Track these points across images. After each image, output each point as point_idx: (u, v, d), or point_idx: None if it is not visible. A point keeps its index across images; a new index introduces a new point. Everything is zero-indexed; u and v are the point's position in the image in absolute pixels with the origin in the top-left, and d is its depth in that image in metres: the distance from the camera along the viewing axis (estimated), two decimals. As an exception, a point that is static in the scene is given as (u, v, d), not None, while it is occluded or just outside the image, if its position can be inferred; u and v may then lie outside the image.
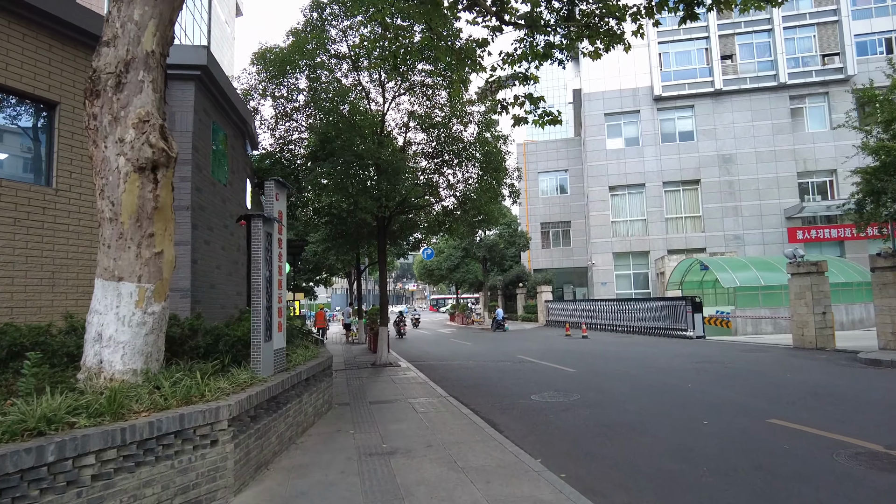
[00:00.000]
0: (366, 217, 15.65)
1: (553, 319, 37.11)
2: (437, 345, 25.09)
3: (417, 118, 16.43)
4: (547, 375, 13.79)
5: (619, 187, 38.98)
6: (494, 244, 40.69)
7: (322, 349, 10.65)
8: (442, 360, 18.50)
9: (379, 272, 16.77)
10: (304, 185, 14.86)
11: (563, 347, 21.27)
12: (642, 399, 10.27)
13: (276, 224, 7.36)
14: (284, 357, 7.61)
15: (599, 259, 38.55)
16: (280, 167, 15.60)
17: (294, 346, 9.78)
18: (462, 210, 18.03)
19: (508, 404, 10.20)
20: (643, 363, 15.71)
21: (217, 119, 8.99)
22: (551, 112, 11.17)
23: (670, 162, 37.95)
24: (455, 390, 11.86)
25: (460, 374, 14.57)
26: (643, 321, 27.29)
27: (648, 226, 38.17)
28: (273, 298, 7.21)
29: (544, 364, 16.01)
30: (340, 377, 13.75)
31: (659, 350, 19.29)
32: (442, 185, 17.73)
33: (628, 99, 39.30)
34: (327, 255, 24.26)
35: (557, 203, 48.48)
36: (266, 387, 6.17)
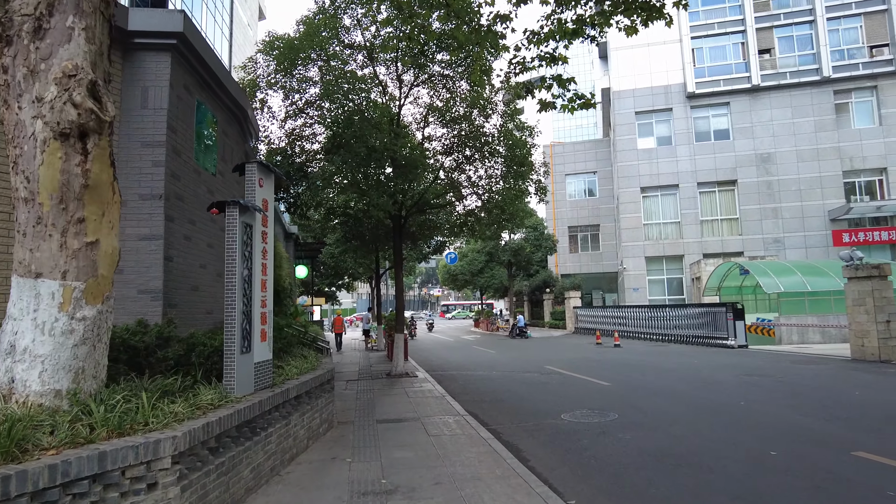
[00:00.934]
0: (378, 214, 14.59)
1: (582, 327, 35.53)
2: (459, 352, 23.84)
3: (437, 111, 15.30)
4: (578, 389, 12.44)
5: (651, 188, 37.26)
6: (520, 248, 39.28)
7: (325, 360, 9.52)
8: (463, 369, 17.25)
9: (395, 275, 15.63)
10: (315, 181, 13.82)
11: (595, 357, 19.82)
12: (691, 420, 8.88)
13: (258, 214, 6.24)
14: (270, 371, 6.47)
15: (631, 263, 36.86)
16: (290, 163, 14.59)
17: (291, 355, 8.67)
18: (485, 210, 16.81)
19: (535, 425, 8.91)
20: (685, 376, 14.24)
21: (203, 99, 7.94)
22: (582, 95, 9.88)
23: (705, 162, 36.13)
24: (475, 406, 10.60)
25: (482, 387, 13.31)
26: (680, 329, 25.63)
27: (682, 228, 36.38)
28: (254, 302, 6.08)
29: (575, 376, 14.64)
30: (351, 388, 12.61)
31: (700, 361, 17.73)
32: (463, 184, 16.55)
33: (660, 97, 37.63)
34: (344, 257, 23.19)
35: (586, 206, 46.85)
36: (236, 409, 5.02)
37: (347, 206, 17.43)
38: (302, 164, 14.51)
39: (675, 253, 36.40)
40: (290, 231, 23.16)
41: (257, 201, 6.26)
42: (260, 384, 6.12)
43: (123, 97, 6.72)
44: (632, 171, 37.46)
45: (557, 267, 46.23)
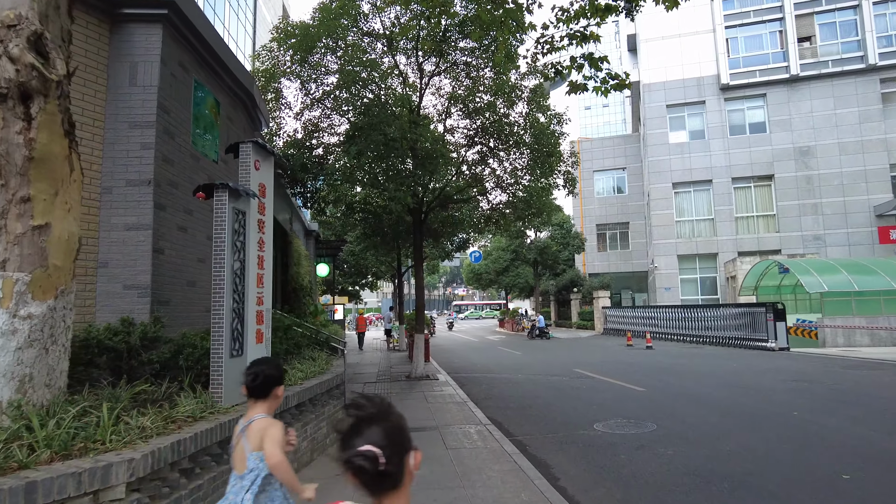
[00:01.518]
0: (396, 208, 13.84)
1: (611, 327, 34.38)
2: (483, 353, 23.02)
3: (459, 101, 14.55)
4: (611, 396, 11.54)
5: (683, 184, 35.91)
6: (546, 246, 38.24)
7: (337, 362, 8.83)
8: (486, 372, 16.44)
9: (414, 273, 14.90)
10: (333, 175, 13.15)
11: (626, 360, 18.82)
12: (740, 433, 7.94)
13: (252, 200, 5.55)
14: (268, 376, 5.78)
15: (662, 262, 35.57)
16: (307, 156, 13.96)
17: (300, 358, 8.00)
18: (510, 205, 15.99)
19: (565, 436, 8.08)
20: (726, 381, 13.22)
21: (203, 80, 7.30)
22: (616, 74, 8.99)
23: (740, 156, 34.66)
24: (499, 414, 9.81)
25: (507, 392, 12.49)
26: (715, 330, 24.40)
27: (716, 226, 34.97)
28: (247, 299, 5.39)
29: (607, 380, 13.73)
30: (367, 392, 11.92)
31: (740, 364, 16.62)
32: (487, 177, 15.75)
33: (692, 89, 36.24)
34: (365, 255, 22.54)
35: (614, 203, 45.63)
36: (219, 423, 4.32)
37: (367, 202, 16.78)
38: (320, 157, 13.86)
39: (709, 251, 35.01)
40: (310, 228, 22.60)
41: (253, 185, 5.58)
42: (255, 391, 5.43)
43: (110, 74, 6.10)
44: (663, 167, 36.16)
45: (585, 266, 45.07)
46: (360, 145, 12.34)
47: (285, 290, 15.76)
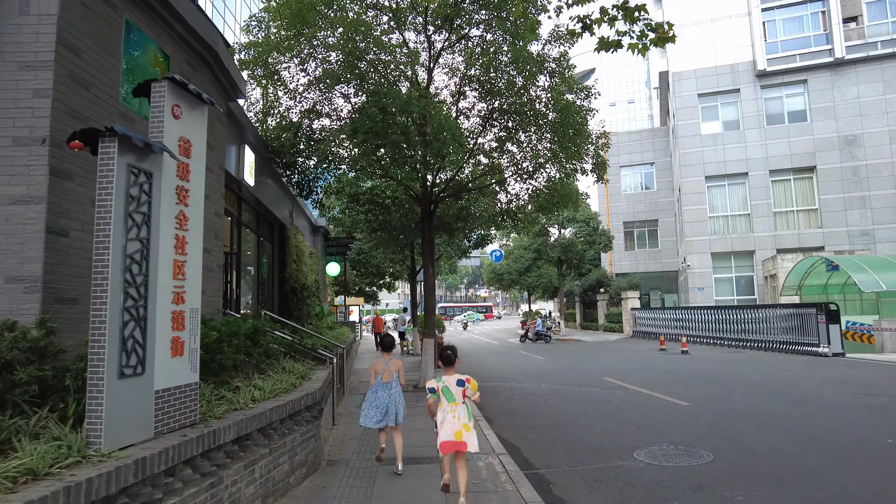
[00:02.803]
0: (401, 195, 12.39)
1: (641, 330, 32.36)
2: (503, 358, 21.32)
3: (474, 80, 12.96)
4: (651, 412, 9.80)
5: (716, 177, 33.72)
6: (571, 244, 36.30)
7: (318, 374, 7.27)
8: (505, 379, 14.77)
9: (423, 270, 13.31)
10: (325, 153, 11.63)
11: (662, 366, 16.98)
12: (829, 469, 6.18)
13: (165, 158, 4.00)
14: (195, 399, 4.24)
15: (695, 260, 33.42)
16: (305, 142, 12.47)
17: (271, 370, 6.47)
18: (532, 197, 14.34)
19: (599, 470, 6.40)
20: (783, 394, 11.36)
21: (139, 22, 5.82)
22: (658, 25, 7.36)
23: (778, 147, 32.38)
24: (517, 436, 8.17)
25: (528, 406, 10.82)
26: (758, 333, 22.33)
27: (753, 221, 32.72)
28: (153, 295, 3.84)
29: (643, 392, 11.96)
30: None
31: (793, 373, 14.69)
32: (505, 166, 14.12)
33: (725, 76, 34.05)
34: (374, 253, 21.01)
35: (642, 200, 43.54)
36: (73, 482, 2.77)
37: (374, 193, 15.27)
38: (316, 140, 12.34)
39: (745, 248, 32.79)
40: (317, 225, 21.20)
41: (168, 139, 4.04)
42: (169, 423, 3.89)
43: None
44: (695, 159, 34.04)
45: (612, 265, 43.05)
46: (357, 122, 10.81)
47: (282, 290, 14.30)
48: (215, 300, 7.65)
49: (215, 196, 7.77)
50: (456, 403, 5.22)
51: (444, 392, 5.31)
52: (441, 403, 5.29)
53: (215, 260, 7.71)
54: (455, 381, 5.34)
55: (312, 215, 20.54)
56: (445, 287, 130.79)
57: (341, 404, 10.49)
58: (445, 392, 5.31)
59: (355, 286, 38.26)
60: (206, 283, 7.37)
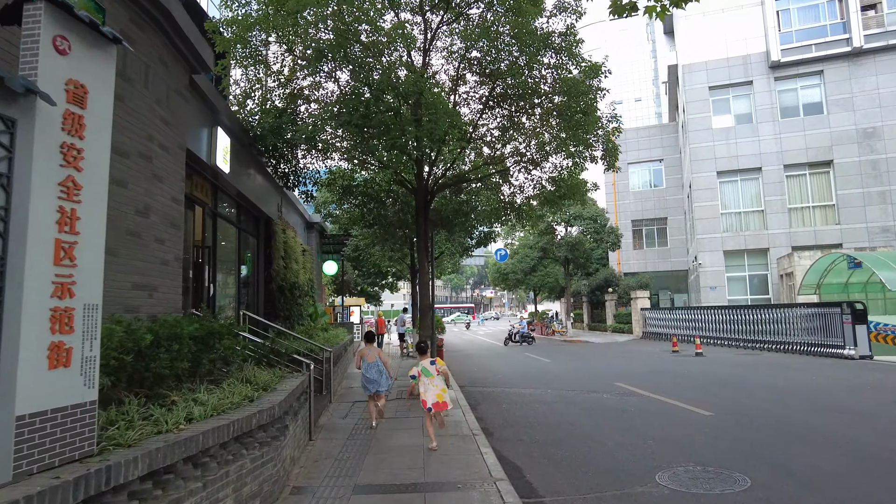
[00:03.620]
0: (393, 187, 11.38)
1: (651, 331, 31.23)
2: (507, 360, 20.26)
3: (474, 63, 11.97)
4: (670, 422, 8.74)
5: (728, 173, 32.55)
6: (578, 242, 35.17)
7: (287, 384, 6.26)
8: (508, 385, 13.72)
9: (419, 265, 12.29)
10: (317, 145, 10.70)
11: (677, 370, 15.88)
12: (891, 497, 5.12)
13: (38, 103, 2.98)
14: (90, 422, 3.23)
15: (707, 259, 32.25)
16: (290, 126, 11.48)
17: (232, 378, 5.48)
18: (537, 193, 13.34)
19: (615, 498, 5.36)
20: (815, 402, 10.28)
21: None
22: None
23: (793, 141, 31.18)
24: (519, 452, 7.14)
25: (532, 415, 9.77)
26: (776, 334, 21.17)
27: (767, 218, 31.53)
28: (19, 285, 2.83)
29: (659, 399, 10.90)
30: (353, 415, 9.35)
31: (821, 377, 13.58)
32: (508, 153, 13.11)
33: (737, 68, 32.89)
34: (372, 251, 19.97)
35: (651, 198, 42.45)
36: None
37: (367, 186, 14.28)
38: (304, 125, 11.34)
39: (759, 246, 31.62)
40: (311, 221, 20.21)
41: (47, 78, 3.02)
42: (43, 458, 2.88)
43: None
44: (706, 154, 32.89)
45: (620, 265, 41.95)
46: (347, 104, 9.83)
47: (268, 288, 13.31)
48: (171, 297, 6.65)
49: (173, 179, 6.78)
50: (433, 377, 7.25)
51: (424, 371, 7.31)
52: (421, 380, 7.28)
53: (172, 251, 6.72)
54: (429, 362, 7.38)
55: (306, 211, 19.57)
56: (451, 288, 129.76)
57: (325, 414, 9.48)
58: (424, 371, 7.30)
59: (357, 286, 37.31)
60: (159, 278, 6.40)
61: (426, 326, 11.59)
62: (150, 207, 6.14)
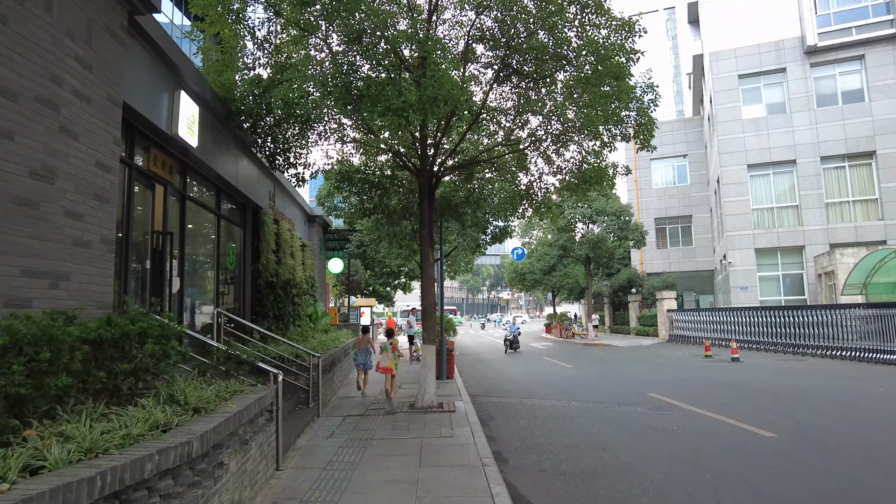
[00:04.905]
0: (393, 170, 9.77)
1: (679, 334, 29.33)
2: (525, 366, 18.61)
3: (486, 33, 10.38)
4: (727, 446, 7.07)
5: (760, 166, 30.55)
6: (600, 240, 33.31)
7: (240, 400, 4.75)
8: (527, 395, 12.10)
9: (421, 257, 10.72)
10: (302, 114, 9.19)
11: (715, 378, 14.14)
12: None
13: None
14: None
15: (737, 257, 30.26)
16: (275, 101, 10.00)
17: (152, 395, 3.97)
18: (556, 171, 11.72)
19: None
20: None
21: None
22: None
23: (831, 131, 29.10)
24: (540, 489, 5.54)
25: (555, 436, 8.14)
26: (822, 338, 19.23)
27: (802, 214, 29.46)
28: None
29: (705, 415, 9.21)
30: (340, 434, 7.80)
31: (889, 388, 11.77)
32: (525, 136, 11.51)
33: (769, 55, 30.89)
34: (377, 247, 18.45)
35: (675, 195, 40.54)
36: None
37: (367, 171, 12.77)
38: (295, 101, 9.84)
39: (794, 243, 29.53)
40: (313, 214, 18.76)
41: None
42: None
43: None
44: (735, 146, 30.92)
45: (643, 264, 40.05)
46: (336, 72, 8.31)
47: (256, 285, 11.86)
48: (93, 289, 5.18)
49: (97, 138, 5.31)
50: (388, 353, 11.05)
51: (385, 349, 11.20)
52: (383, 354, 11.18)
53: (96, 231, 5.25)
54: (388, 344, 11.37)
55: (306, 204, 18.13)
56: (467, 290, 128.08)
57: (308, 432, 7.96)
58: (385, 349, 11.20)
59: (368, 286, 35.89)
60: (72, 264, 4.90)
61: (430, 328, 10.01)
62: (54, 170, 4.67)
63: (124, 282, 6.90)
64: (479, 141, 13.07)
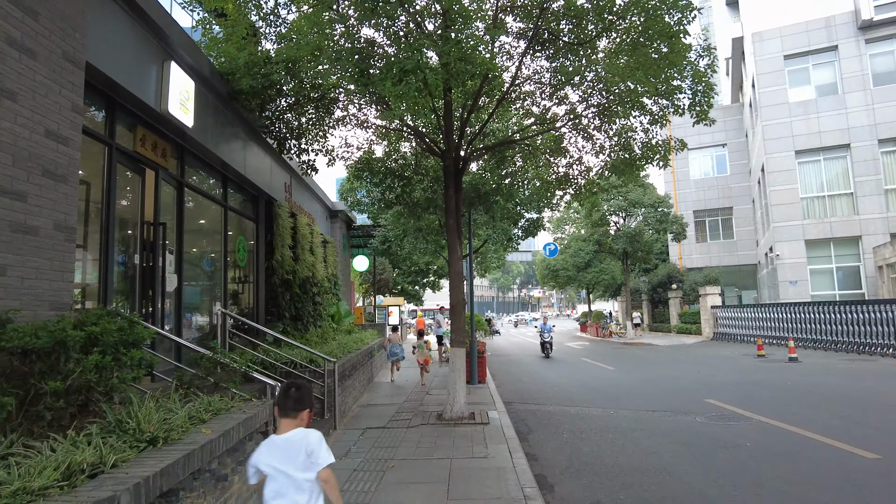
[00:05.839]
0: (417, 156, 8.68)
1: (724, 332, 27.64)
2: (562, 368, 17.36)
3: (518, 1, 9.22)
4: (820, 471, 5.80)
5: (809, 151, 28.58)
6: (638, 234, 31.68)
7: (222, 423, 3.74)
8: (568, 402, 10.89)
9: (448, 250, 9.60)
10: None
11: (777, 381, 12.71)
12: None
13: None
14: None
15: (785, 249, 28.37)
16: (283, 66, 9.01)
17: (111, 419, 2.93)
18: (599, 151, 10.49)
19: None
20: None
21: None
22: None
23: (889, 111, 26.97)
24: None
25: (607, 454, 6.94)
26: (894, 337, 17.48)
27: (858, 201, 27.43)
28: None
29: (780, 427, 7.90)
30: (357, 453, 6.75)
31: None
32: (563, 113, 10.31)
33: (818, 32, 28.88)
34: (402, 243, 17.40)
35: (714, 186, 38.71)
36: None
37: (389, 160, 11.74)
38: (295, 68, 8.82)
39: (848, 234, 27.52)
40: (335, 209, 17.84)
41: None
42: None
43: None
44: (782, 132, 29.02)
45: (681, 259, 38.23)
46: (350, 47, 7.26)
47: (270, 283, 10.92)
48: (44, 287, 4.23)
49: (50, 104, 4.36)
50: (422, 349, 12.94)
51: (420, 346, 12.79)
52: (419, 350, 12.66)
53: (47, 215, 4.29)
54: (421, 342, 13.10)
55: (328, 197, 17.19)
56: (497, 288, 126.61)
57: (320, 450, 6.93)
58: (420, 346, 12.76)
59: (396, 285, 34.99)
60: (14, 255, 3.96)
61: (458, 329, 8.89)
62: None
63: (104, 278, 5.97)
64: (510, 123, 11.94)
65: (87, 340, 3.58)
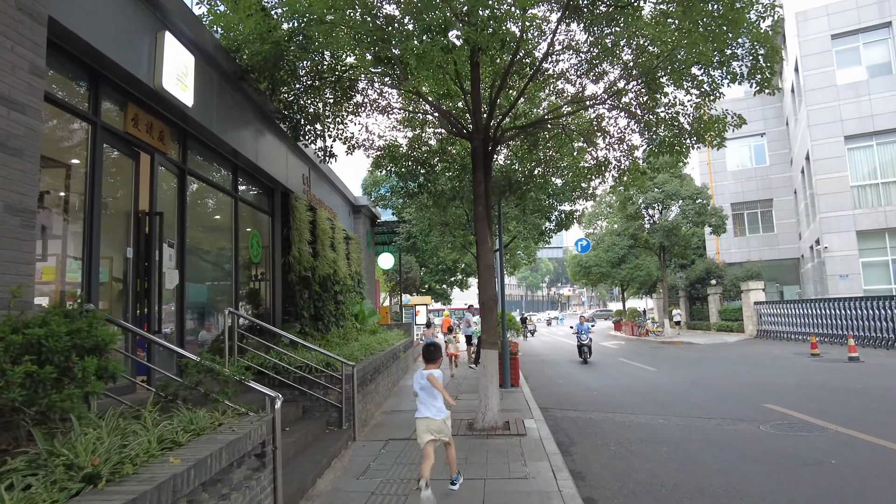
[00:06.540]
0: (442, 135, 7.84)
1: (769, 329, 26.17)
2: (600, 369, 16.30)
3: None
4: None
5: (860, 136, 26.85)
6: (675, 227, 30.27)
7: (196, 448, 2.95)
8: (611, 408, 9.90)
9: (476, 241, 8.70)
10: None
11: (841, 384, 11.51)
12: None
13: None
14: None
15: (834, 241, 26.71)
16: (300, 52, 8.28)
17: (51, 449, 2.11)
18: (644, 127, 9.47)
19: None
20: None
21: None
22: None
23: (947, 91, 25.25)
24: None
25: (663, 470, 5.99)
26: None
27: (915, 189, 25.70)
28: None
29: (862, 439, 6.83)
30: (380, 468, 5.94)
31: None
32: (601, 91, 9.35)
33: (870, 8, 27.07)
34: (427, 238, 16.55)
35: (753, 177, 37.04)
36: None
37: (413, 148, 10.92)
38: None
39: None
40: (358, 204, 17.10)
41: None
42: None
43: None
44: (829, 117, 27.34)
45: (719, 254, 36.64)
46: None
47: (286, 280, 10.20)
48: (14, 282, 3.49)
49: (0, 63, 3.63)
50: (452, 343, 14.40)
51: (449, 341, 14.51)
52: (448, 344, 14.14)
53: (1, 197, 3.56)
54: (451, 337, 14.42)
55: (350, 192, 16.46)
56: (526, 286, 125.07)
57: (337, 465, 6.12)
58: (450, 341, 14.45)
59: (423, 283, 34.22)
60: None
61: (490, 329, 8.01)
62: None
63: (87, 274, 5.27)
64: (542, 106, 11.01)
65: (23, 347, 2.82)
